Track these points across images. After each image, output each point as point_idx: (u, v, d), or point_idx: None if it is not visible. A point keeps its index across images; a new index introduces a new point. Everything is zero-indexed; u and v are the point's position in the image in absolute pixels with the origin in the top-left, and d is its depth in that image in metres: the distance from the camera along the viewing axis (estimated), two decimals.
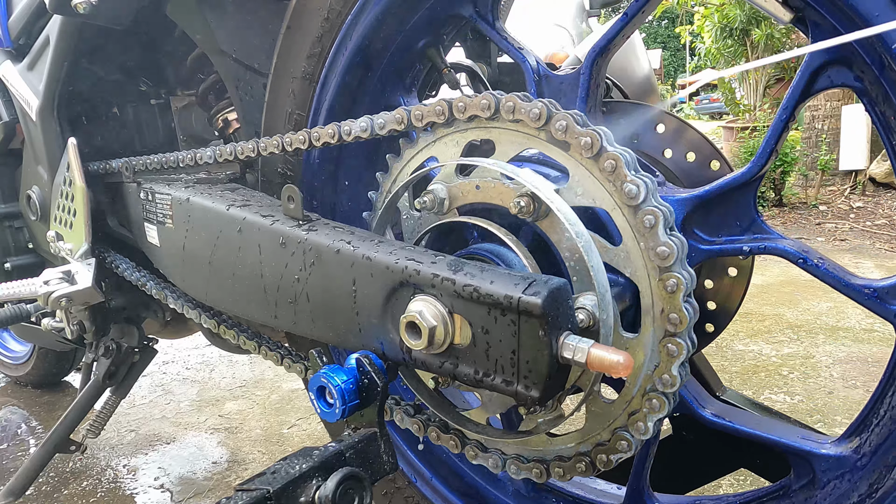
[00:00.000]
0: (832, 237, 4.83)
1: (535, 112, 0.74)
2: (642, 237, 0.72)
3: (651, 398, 0.76)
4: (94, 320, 1.47)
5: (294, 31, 1.03)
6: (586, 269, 0.72)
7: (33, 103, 1.44)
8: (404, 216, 0.94)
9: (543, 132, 0.75)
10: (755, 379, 2.34)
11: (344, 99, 1.04)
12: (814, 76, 0.71)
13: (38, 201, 1.58)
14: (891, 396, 0.74)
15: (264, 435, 2.10)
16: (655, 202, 0.71)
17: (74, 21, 1.28)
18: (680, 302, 0.71)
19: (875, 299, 0.72)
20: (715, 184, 0.77)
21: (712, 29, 9.68)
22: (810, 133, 6.63)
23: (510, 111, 0.76)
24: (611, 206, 0.73)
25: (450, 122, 0.83)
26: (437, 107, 0.82)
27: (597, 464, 0.83)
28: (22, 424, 2.34)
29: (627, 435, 0.79)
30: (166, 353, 2.90)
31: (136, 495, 1.81)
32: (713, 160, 1.03)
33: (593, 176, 0.74)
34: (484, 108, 0.78)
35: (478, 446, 0.92)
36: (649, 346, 0.75)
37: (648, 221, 0.70)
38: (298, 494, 0.66)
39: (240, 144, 1.04)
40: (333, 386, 0.73)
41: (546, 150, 0.77)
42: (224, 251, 1.01)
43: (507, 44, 0.93)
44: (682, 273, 0.71)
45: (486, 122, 0.80)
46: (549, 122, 0.74)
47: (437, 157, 0.87)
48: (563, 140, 0.74)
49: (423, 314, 0.72)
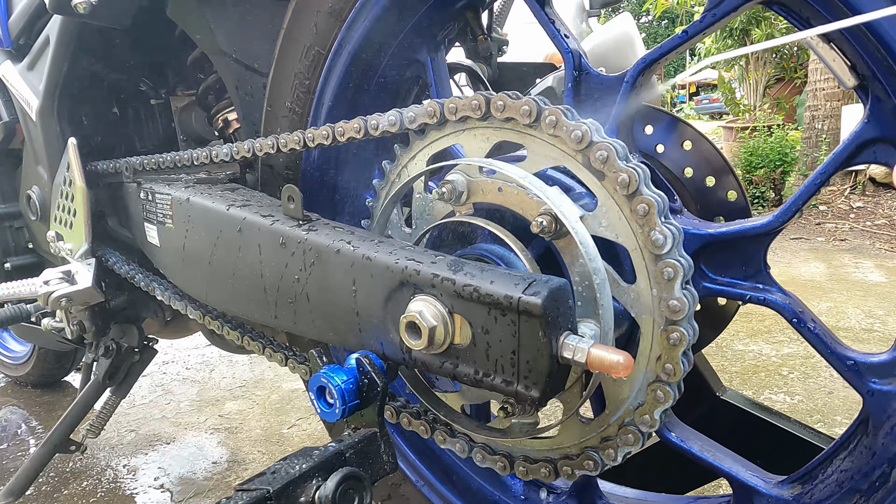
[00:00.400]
0: (832, 237, 4.83)
1: (578, 134, 0.72)
2: (658, 285, 0.71)
3: (627, 431, 0.77)
4: (94, 320, 1.47)
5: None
6: (594, 301, 0.72)
7: (33, 103, 1.44)
8: (417, 195, 0.91)
9: (581, 155, 0.73)
10: (755, 379, 2.34)
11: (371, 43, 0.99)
12: (859, 149, 0.69)
13: (38, 201, 1.58)
14: (841, 459, 0.76)
15: (264, 435, 2.10)
16: (679, 255, 0.70)
17: (74, 21, 1.28)
18: (678, 355, 0.71)
19: (854, 372, 0.72)
20: (733, 227, 0.75)
21: None
22: (810, 133, 6.63)
23: (552, 125, 0.73)
24: (633, 247, 0.72)
25: (485, 117, 0.80)
26: (473, 101, 0.79)
27: (560, 473, 0.84)
28: (22, 424, 2.34)
29: (596, 456, 0.81)
30: (166, 353, 2.90)
31: (136, 495, 1.81)
32: (731, 190, 1.03)
33: (623, 214, 0.71)
34: (524, 113, 0.75)
35: (447, 431, 0.93)
36: (637, 385, 0.76)
37: (668, 274, 0.69)
38: (298, 494, 0.66)
39: (283, 136, 1.00)
40: (333, 386, 0.73)
41: (579, 172, 0.74)
42: (224, 251, 1.01)
43: (554, 29, 0.86)
44: (687, 329, 0.71)
45: (523, 127, 0.77)
46: (590, 148, 0.71)
47: (463, 147, 0.84)
48: (601, 170, 0.72)
49: (423, 314, 0.72)
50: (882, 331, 2.73)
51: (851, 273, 3.69)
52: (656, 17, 16.23)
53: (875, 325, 2.81)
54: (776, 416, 1.07)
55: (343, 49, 0.99)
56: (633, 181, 0.69)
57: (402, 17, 0.97)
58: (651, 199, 0.69)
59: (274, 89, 1.08)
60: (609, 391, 0.78)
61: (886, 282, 3.51)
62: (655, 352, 0.73)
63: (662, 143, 1.07)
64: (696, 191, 1.06)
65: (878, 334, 2.71)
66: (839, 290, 3.35)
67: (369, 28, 0.97)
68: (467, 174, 0.83)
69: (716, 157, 1.04)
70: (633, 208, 0.70)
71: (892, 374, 0.70)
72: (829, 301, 3.14)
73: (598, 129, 0.73)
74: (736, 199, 1.03)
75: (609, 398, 0.78)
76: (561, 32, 0.86)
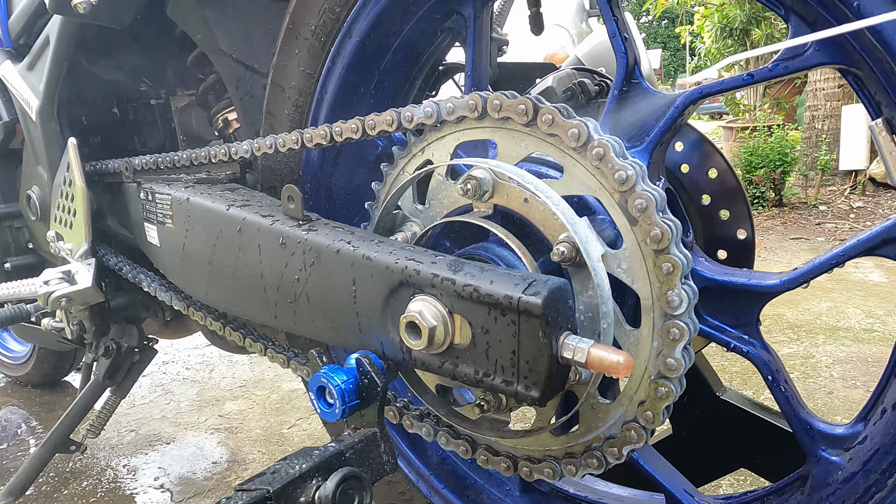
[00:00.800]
0: (832, 237, 4.83)
1: (622, 175, 0.69)
2: (660, 339, 0.71)
3: (592, 456, 0.79)
4: (94, 320, 1.47)
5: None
6: (596, 337, 0.73)
7: (33, 103, 1.44)
8: (438, 176, 0.88)
9: (620, 195, 0.71)
10: (755, 379, 2.34)
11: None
12: (884, 243, 0.68)
13: (38, 201, 1.58)
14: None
15: (264, 435, 2.10)
16: (688, 318, 0.70)
17: (74, 21, 1.28)
18: (662, 406, 0.73)
19: (809, 437, 0.76)
20: (738, 279, 0.75)
21: (712, 29, 9.68)
22: (810, 133, 6.63)
23: (598, 157, 0.71)
24: (646, 297, 0.71)
25: (529, 124, 0.77)
26: (520, 105, 0.76)
27: (520, 472, 0.87)
28: (22, 424, 2.34)
29: (557, 467, 0.84)
30: (166, 353, 2.90)
31: (136, 495, 1.81)
32: (742, 229, 1.03)
33: (646, 265, 0.70)
34: (573, 136, 0.72)
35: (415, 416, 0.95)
36: (613, 420, 0.77)
37: (674, 334, 0.70)
38: (298, 494, 0.66)
39: (309, 130, 0.97)
40: (333, 386, 0.73)
41: (611, 209, 0.72)
42: (224, 251, 1.01)
43: (616, 28, 0.80)
44: (675, 386, 0.72)
45: (567, 148, 0.74)
46: (630, 192, 0.70)
47: (497, 144, 0.81)
48: (636, 217, 0.70)
49: (423, 314, 0.72)
50: (882, 331, 2.73)
51: (851, 273, 3.68)
52: (656, 17, 16.21)
53: (875, 325, 2.81)
54: (776, 416, 1.06)
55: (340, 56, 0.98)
56: (665, 239, 0.68)
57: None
58: (677, 261, 0.68)
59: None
60: (585, 416, 0.79)
61: (886, 282, 3.51)
62: (640, 396, 0.74)
63: (688, 164, 1.06)
64: (709, 221, 1.05)
65: (878, 334, 2.71)
66: (839, 290, 3.35)
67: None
68: (494, 173, 0.80)
69: (737, 193, 1.04)
70: (659, 264, 0.69)
71: (843, 447, 0.73)
72: (829, 301, 3.14)
73: (644, 175, 0.71)
74: (745, 238, 1.03)
75: (584, 421, 0.80)
76: (622, 34, 0.81)
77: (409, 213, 0.93)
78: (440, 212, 0.89)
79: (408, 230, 0.92)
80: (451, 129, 0.85)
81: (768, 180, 5.90)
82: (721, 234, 1.05)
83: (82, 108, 1.50)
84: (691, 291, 0.70)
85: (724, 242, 1.05)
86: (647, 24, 35.28)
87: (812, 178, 6.31)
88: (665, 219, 0.69)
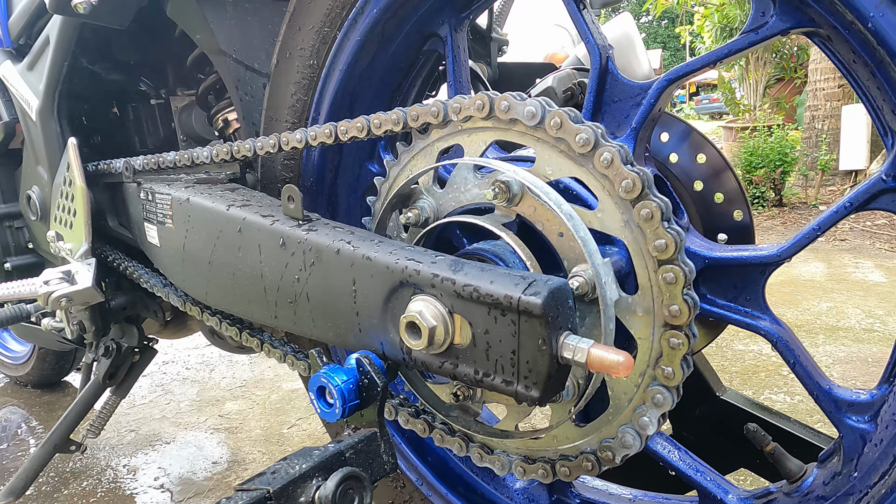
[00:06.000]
0: (832, 237, 4.83)
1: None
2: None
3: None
4: (94, 320, 1.47)
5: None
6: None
7: (33, 103, 1.44)
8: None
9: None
10: (755, 379, 2.34)
11: None
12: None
13: (38, 201, 1.58)
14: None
15: (264, 435, 2.10)
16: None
17: (74, 21, 1.28)
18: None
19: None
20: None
21: (712, 29, 9.69)
22: (810, 133, 6.64)
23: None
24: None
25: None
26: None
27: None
28: (22, 424, 2.34)
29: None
30: (166, 353, 2.90)
31: (136, 495, 1.81)
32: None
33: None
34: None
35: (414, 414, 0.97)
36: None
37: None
38: (298, 494, 0.66)
39: (313, 128, 0.96)
40: (333, 386, 0.73)
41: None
42: (224, 251, 1.01)
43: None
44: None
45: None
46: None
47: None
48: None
49: (423, 314, 0.72)
50: (882, 331, 2.73)
51: (851, 273, 3.69)
52: (656, 17, 16.21)
53: (875, 324, 2.81)
54: (776, 416, 1.07)
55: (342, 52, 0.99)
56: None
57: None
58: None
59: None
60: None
61: (886, 282, 3.51)
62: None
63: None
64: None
65: (878, 334, 2.71)
66: (839, 290, 3.35)
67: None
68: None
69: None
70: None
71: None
72: (830, 301, 3.14)
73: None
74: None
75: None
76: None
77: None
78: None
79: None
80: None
81: (768, 180, 5.91)
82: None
83: (82, 109, 1.50)
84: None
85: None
86: (647, 24, 35.28)
87: (812, 178, 6.32)
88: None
